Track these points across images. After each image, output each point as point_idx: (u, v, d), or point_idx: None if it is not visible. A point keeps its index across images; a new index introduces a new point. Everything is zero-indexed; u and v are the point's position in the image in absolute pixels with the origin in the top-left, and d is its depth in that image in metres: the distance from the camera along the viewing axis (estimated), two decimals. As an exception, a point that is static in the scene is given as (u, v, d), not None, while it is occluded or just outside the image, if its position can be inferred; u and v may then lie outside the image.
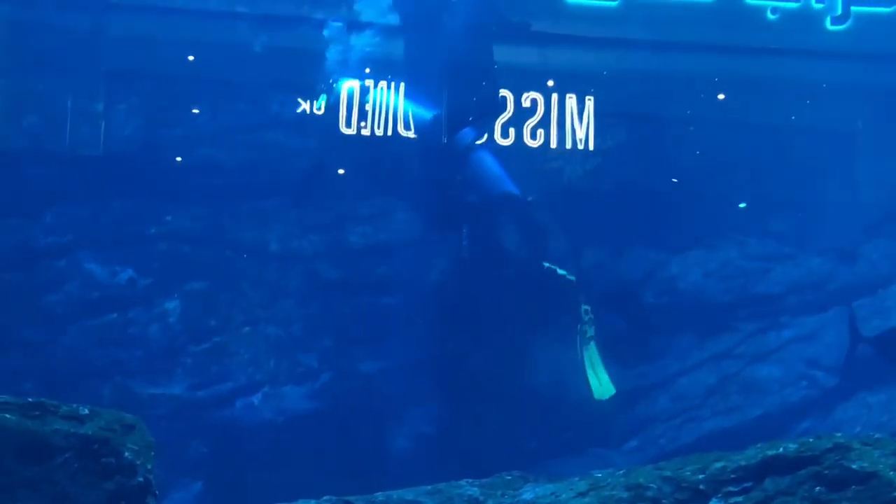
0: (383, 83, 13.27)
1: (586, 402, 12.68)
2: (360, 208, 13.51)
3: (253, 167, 13.25)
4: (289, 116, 13.32)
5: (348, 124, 13.15)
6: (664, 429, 12.99)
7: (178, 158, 13.22)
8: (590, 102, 12.98)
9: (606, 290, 13.31)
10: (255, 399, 12.85)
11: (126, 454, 7.22)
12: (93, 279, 12.78)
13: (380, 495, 7.88)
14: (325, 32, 13.56)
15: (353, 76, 13.39)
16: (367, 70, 13.41)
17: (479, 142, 13.21)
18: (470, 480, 8.15)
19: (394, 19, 13.61)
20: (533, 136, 12.97)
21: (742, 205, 13.46)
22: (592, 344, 12.51)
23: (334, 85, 13.47)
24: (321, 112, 13.31)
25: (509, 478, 8.22)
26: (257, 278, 13.04)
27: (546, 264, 13.01)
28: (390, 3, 13.57)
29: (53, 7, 13.42)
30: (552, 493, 7.73)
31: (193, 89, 13.76)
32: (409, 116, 13.32)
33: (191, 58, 13.32)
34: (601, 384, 12.42)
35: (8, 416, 7.13)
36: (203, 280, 12.98)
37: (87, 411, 7.31)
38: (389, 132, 13.28)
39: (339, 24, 13.64)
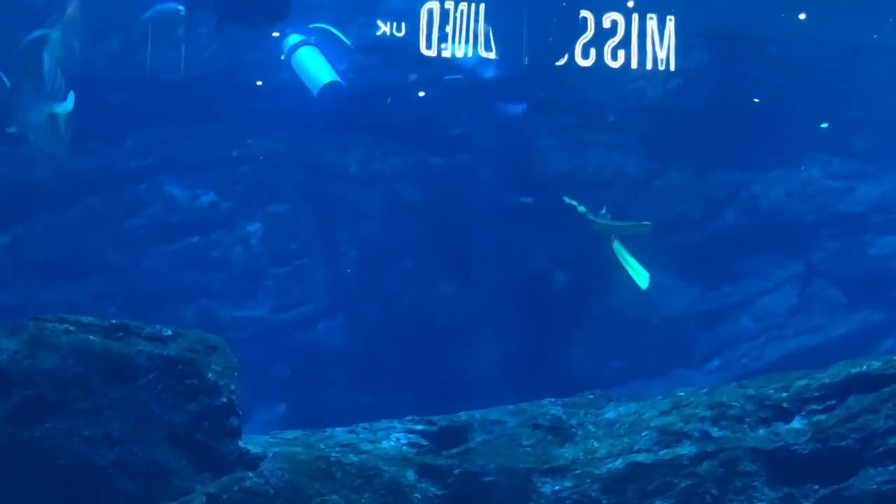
0: (463, 5, 13.14)
1: (670, 322, 13.03)
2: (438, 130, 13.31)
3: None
4: (370, 39, 13.23)
5: (428, 45, 12.98)
6: (747, 348, 13.05)
7: (259, 82, 13.19)
8: (671, 22, 13.06)
9: (688, 210, 13.50)
10: (337, 321, 12.94)
11: (209, 375, 7.36)
12: (175, 203, 12.95)
13: (462, 415, 7.93)
14: None
15: None
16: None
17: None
18: (553, 400, 8.09)
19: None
20: (614, 57, 13.04)
21: (824, 125, 13.45)
22: (615, 242, 12.62)
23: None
24: (402, 34, 13.18)
25: (592, 397, 8.19)
26: (338, 200, 13.12)
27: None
28: None
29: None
30: (635, 412, 7.77)
31: (273, 12, 14.02)
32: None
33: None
34: (637, 273, 12.57)
35: (92, 338, 7.25)
36: (285, 203, 13.05)
37: (170, 332, 7.43)
38: (470, 53, 13.09)
39: None
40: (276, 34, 13.24)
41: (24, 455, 6.68)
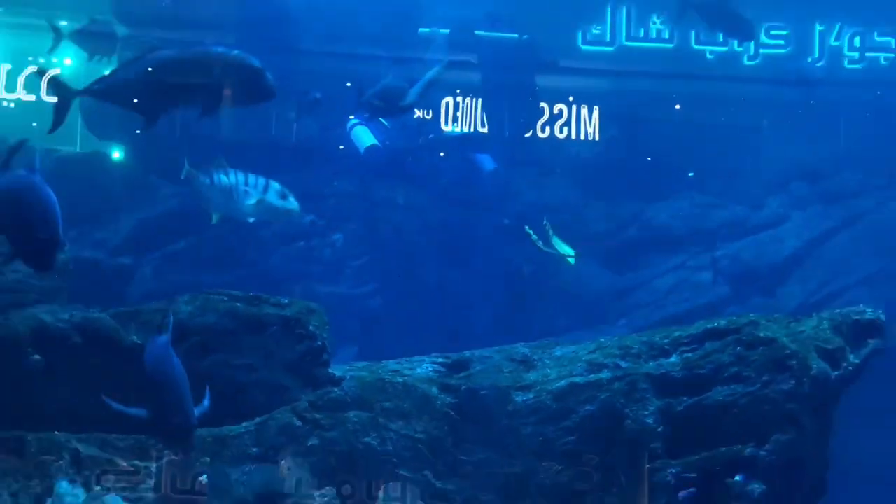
0: (468, 99, 14.91)
1: (595, 295, 14.69)
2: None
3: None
4: (409, 120, 14.36)
5: (446, 123, 14.83)
6: (643, 312, 14.56)
7: (341, 146, 14.43)
8: (595, 110, 15.00)
9: (608, 226, 15.14)
10: (387, 295, 14.37)
11: (311, 328, 8.30)
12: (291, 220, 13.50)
13: (466, 353, 8.90)
14: None
15: None
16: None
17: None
18: (523, 344, 9.22)
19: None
20: (561, 132, 15.02)
21: (690, 174, 15.27)
22: (538, 242, 13.70)
23: None
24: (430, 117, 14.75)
25: (547, 342, 9.40)
26: (387, 221, 14.52)
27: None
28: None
29: None
30: (573, 352, 8.90)
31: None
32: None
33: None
34: (565, 253, 13.79)
35: (238, 304, 8.36)
36: (356, 221, 14.62)
37: (286, 301, 8.42)
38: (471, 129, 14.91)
39: None
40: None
41: (195, 376, 7.18)
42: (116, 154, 14.69)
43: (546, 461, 7.88)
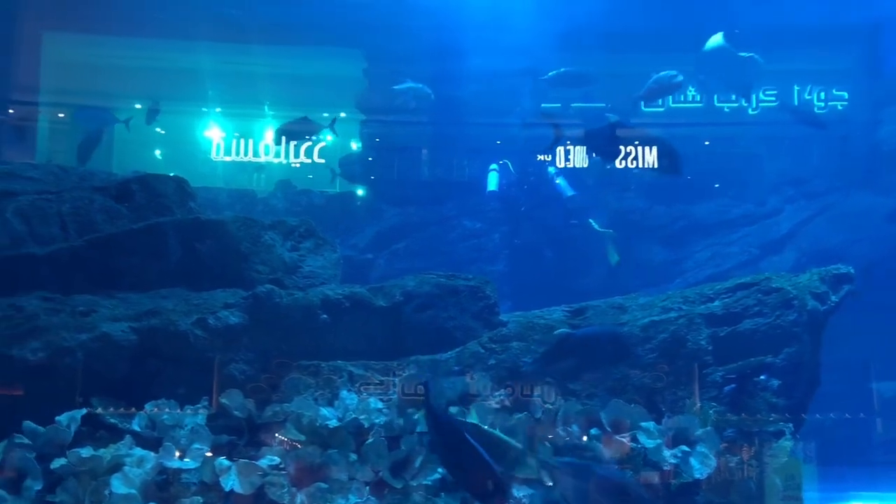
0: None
1: (664, 264, 14.47)
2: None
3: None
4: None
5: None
6: (691, 274, 14.17)
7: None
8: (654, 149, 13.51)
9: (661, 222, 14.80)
10: (517, 270, 13.92)
11: (487, 291, 8.09)
12: (465, 230, 14.75)
13: (582, 304, 8.32)
14: None
15: None
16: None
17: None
18: (618, 297, 8.56)
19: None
20: (631, 163, 14.13)
21: (716, 185, 14.97)
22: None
23: None
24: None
25: (633, 295, 8.59)
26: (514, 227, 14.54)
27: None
28: None
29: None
30: (650, 300, 8.36)
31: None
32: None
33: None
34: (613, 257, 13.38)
35: (441, 279, 8.10)
36: (505, 227, 14.69)
37: (471, 276, 8.24)
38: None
39: None
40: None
41: (413, 325, 7.63)
42: (360, 192, 15.03)
43: (636, 369, 7.65)
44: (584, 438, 6.91)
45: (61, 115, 15.44)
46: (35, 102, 14.85)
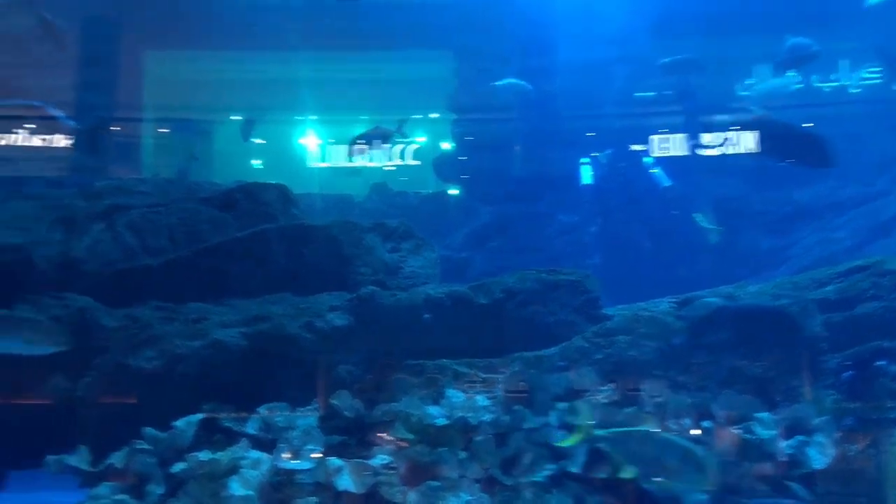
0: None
1: (770, 251, 13.87)
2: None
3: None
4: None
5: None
6: (796, 260, 13.50)
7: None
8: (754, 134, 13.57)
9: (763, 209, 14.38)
10: (621, 266, 13.26)
11: (588, 286, 8.08)
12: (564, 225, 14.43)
13: (689, 294, 8.07)
14: None
15: None
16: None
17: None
18: (725, 286, 8.30)
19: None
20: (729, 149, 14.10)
21: None
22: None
23: None
24: None
25: (741, 283, 8.45)
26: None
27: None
28: None
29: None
30: (760, 288, 8.24)
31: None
32: None
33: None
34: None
35: (543, 274, 7.95)
36: (601, 220, 14.34)
37: (571, 270, 8.15)
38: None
39: None
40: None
41: (515, 322, 7.61)
42: (453, 191, 15.08)
43: (747, 359, 7.45)
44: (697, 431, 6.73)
45: (164, 130, 15.83)
46: (139, 119, 15.42)
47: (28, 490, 8.42)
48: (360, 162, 16.34)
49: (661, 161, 14.53)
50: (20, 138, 13.98)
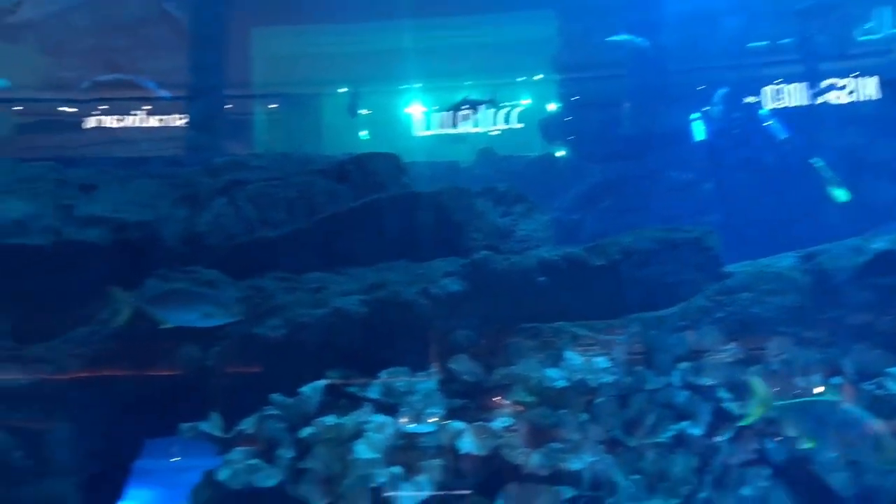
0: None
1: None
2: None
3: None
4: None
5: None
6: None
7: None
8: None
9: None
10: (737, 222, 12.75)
11: (709, 243, 7.85)
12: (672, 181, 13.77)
13: (813, 248, 7.90)
14: None
15: None
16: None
17: None
18: (854, 238, 7.98)
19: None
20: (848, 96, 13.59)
21: None
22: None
23: None
24: None
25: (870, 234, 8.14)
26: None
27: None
28: None
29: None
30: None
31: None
32: None
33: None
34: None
35: (659, 233, 7.89)
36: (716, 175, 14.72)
37: (690, 228, 8.02)
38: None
39: None
40: None
41: (632, 282, 7.55)
42: (561, 152, 14.92)
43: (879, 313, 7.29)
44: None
45: (273, 105, 16.11)
46: (250, 96, 15.64)
47: (164, 457, 8.92)
48: (464, 128, 16.29)
49: (777, 112, 14.06)
50: (138, 120, 14.35)
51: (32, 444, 6.55)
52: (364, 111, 16.73)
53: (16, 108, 13.59)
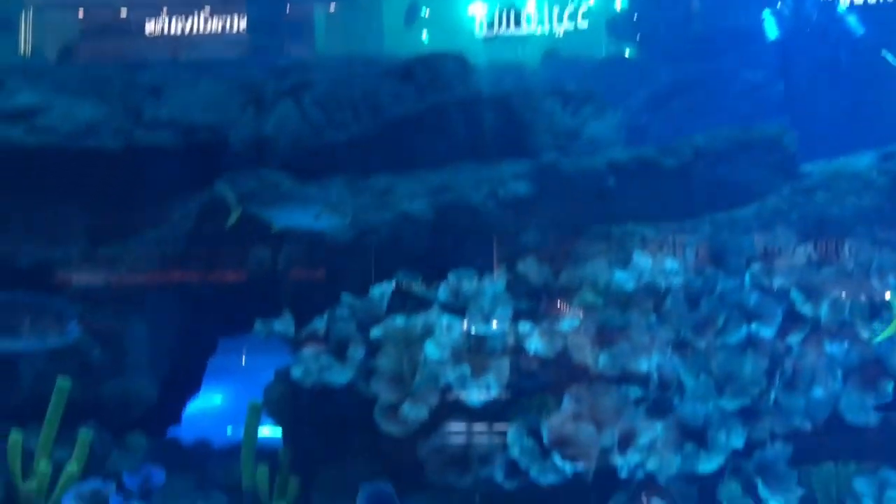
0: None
1: None
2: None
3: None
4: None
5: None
6: None
7: None
8: None
9: None
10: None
11: (785, 142, 7.81)
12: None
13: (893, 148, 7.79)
14: None
15: None
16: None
17: None
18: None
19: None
20: None
21: None
22: None
23: None
24: None
25: None
26: None
27: None
28: None
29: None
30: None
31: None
32: None
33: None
34: None
35: (735, 132, 7.91)
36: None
37: (767, 126, 7.99)
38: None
39: None
40: None
41: (705, 182, 7.52)
42: (629, 52, 14.67)
43: None
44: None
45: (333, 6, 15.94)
46: (310, -1, 15.40)
47: (238, 354, 9.18)
48: (529, 29, 15.84)
49: (853, 8, 13.14)
50: (200, 22, 14.25)
51: (110, 342, 6.74)
52: (426, 14, 16.29)
53: (81, 14, 13.48)
